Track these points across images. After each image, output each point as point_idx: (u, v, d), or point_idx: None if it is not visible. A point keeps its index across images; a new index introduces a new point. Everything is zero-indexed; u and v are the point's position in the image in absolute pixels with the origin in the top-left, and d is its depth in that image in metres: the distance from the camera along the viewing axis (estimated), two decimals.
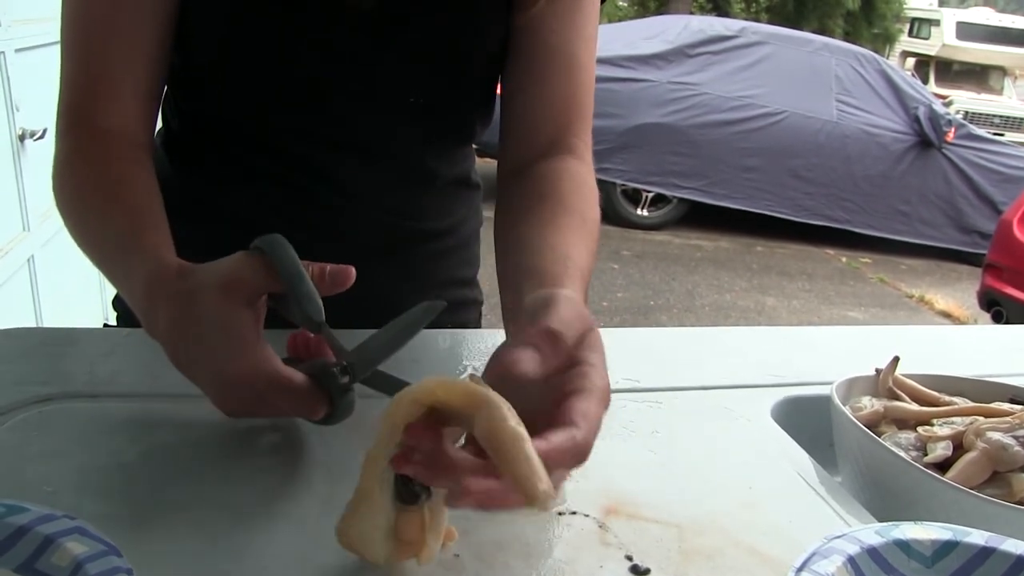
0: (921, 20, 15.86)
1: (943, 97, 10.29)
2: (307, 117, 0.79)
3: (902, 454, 0.64)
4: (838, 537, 0.51)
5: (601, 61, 5.96)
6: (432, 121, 0.83)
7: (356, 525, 0.49)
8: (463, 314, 0.98)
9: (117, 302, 0.95)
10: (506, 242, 0.73)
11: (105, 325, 0.92)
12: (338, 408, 0.58)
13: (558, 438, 0.45)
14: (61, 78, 0.74)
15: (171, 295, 0.57)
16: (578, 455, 0.46)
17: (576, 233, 0.70)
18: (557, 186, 0.76)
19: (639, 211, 6.29)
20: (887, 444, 0.66)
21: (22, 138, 2.04)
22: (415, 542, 0.50)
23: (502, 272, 0.70)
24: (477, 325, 1.01)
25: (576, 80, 0.83)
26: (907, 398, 0.73)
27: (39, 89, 2.08)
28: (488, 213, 0.88)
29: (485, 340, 0.88)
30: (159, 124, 0.82)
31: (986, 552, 0.51)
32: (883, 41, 15.80)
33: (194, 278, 0.57)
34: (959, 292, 5.81)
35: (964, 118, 7.86)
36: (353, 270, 0.58)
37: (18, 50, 2.02)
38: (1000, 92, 14.02)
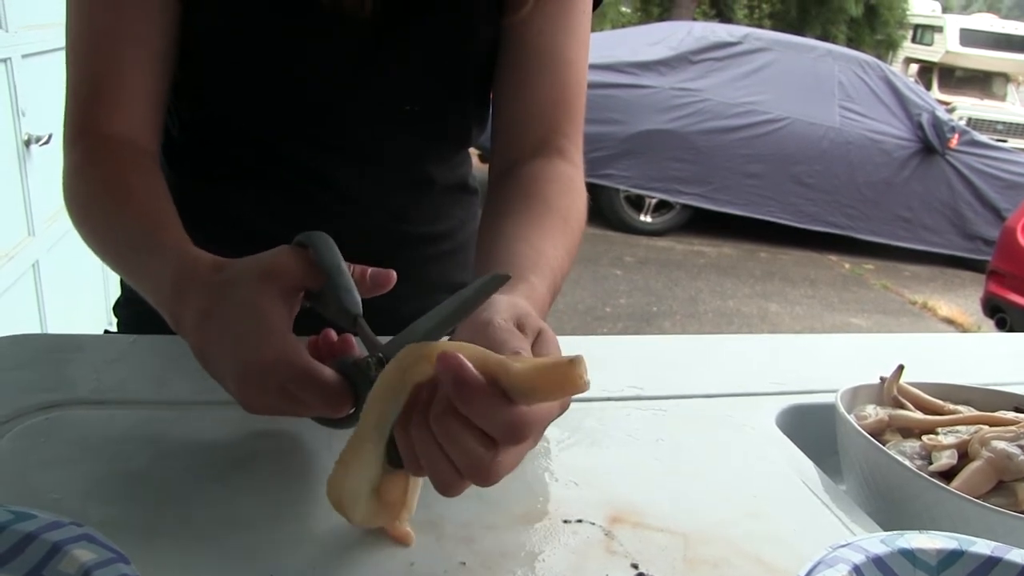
0: (924, 26, 15.86)
1: (946, 103, 10.28)
2: (304, 124, 0.80)
3: (907, 463, 0.64)
4: (843, 546, 0.51)
5: (604, 67, 5.98)
6: (428, 126, 0.84)
7: (348, 481, 0.50)
8: None
9: (119, 308, 0.95)
10: (485, 236, 0.73)
11: (106, 331, 0.92)
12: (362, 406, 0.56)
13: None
14: (67, 87, 0.74)
15: (204, 287, 0.57)
16: (518, 428, 0.45)
17: (555, 232, 0.70)
18: (543, 187, 0.76)
19: (642, 217, 6.29)
20: (892, 453, 0.66)
21: (27, 143, 2.04)
22: (395, 504, 0.52)
23: (476, 260, 0.72)
24: None
25: (564, 81, 0.82)
26: (912, 406, 0.73)
27: (45, 95, 2.09)
28: None
29: None
30: None
31: (992, 562, 0.51)
32: (886, 47, 15.80)
33: (231, 269, 0.57)
34: (963, 299, 5.81)
35: (967, 124, 7.87)
36: (394, 274, 0.58)
37: (24, 56, 2.03)
38: (1003, 98, 14.02)
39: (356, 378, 0.55)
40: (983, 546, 0.52)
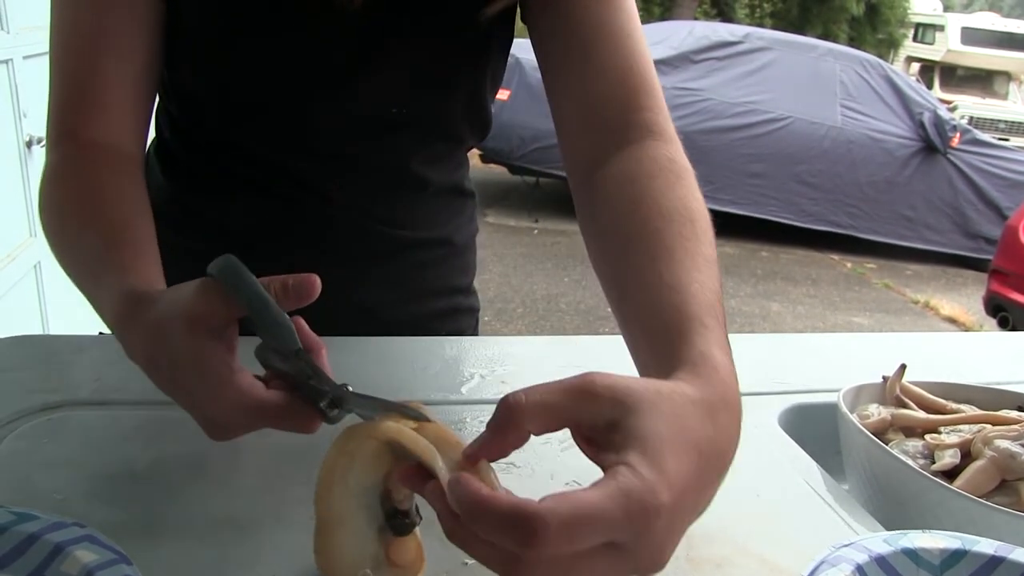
0: (926, 25, 15.86)
1: (948, 102, 10.28)
2: (290, 128, 0.79)
3: (909, 462, 0.64)
4: (846, 546, 0.51)
5: None
6: (417, 131, 0.82)
7: (338, 554, 0.48)
8: (459, 322, 0.98)
9: None
10: (612, 281, 0.63)
11: (100, 333, 0.92)
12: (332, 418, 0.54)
13: None
14: (50, 90, 0.72)
15: (140, 327, 0.54)
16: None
17: (690, 247, 0.58)
18: (649, 188, 0.64)
19: None
20: (894, 452, 0.65)
21: (29, 144, 2.05)
22: (413, 563, 0.50)
23: (621, 322, 0.60)
24: (474, 332, 1.01)
25: (627, 48, 0.73)
26: (914, 406, 0.73)
27: (46, 96, 2.09)
28: (493, 219, 0.87)
29: (490, 347, 0.88)
30: (152, 132, 0.82)
31: (995, 561, 0.51)
32: (888, 46, 15.81)
33: (158, 310, 0.53)
34: (965, 298, 5.80)
35: (969, 123, 7.86)
36: (317, 278, 0.53)
37: (26, 57, 2.03)
38: (1005, 97, 14.03)
39: (313, 399, 0.52)
40: (986, 545, 0.52)
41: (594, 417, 0.42)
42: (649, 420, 0.41)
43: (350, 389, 0.51)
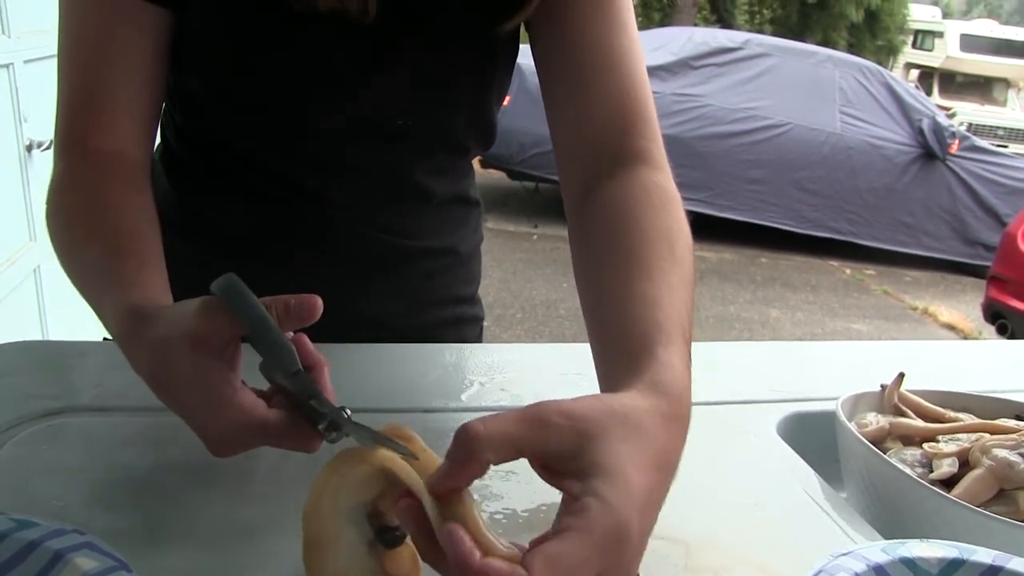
0: (925, 32, 15.90)
1: (947, 109, 10.30)
2: (297, 139, 0.79)
3: (907, 471, 0.64)
4: (844, 555, 0.51)
5: None
6: (421, 141, 0.82)
7: (331, 570, 0.48)
8: (463, 331, 0.98)
9: None
10: (589, 294, 0.65)
11: (104, 339, 0.93)
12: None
13: None
14: (58, 98, 0.73)
15: (144, 343, 0.55)
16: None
17: (664, 268, 0.60)
18: (633, 211, 0.66)
19: None
20: (892, 461, 0.66)
21: (29, 148, 2.05)
22: (408, 574, 0.50)
23: (591, 332, 0.62)
24: (478, 341, 1.01)
25: (622, 73, 0.74)
26: (912, 414, 0.73)
27: (47, 100, 2.08)
28: (492, 225, 0.87)
29: (490, 354, 0.88)
30: (158, 139, 0.82)
31: (993, 571, 0.51)
32: (887, 53, 15.85)
33: (161, 328, 0.54)
34: (963, 304, 5.81)
35: (968, 130, 7.87)
36: (319, 299, 0.53)
37: (27, 61, 2.03)
38: (1003, 104, 14.05)
39: (313, 420, 0.52)
40: (984, 555, 0.52)
41: (553, 446, 0.43)
42: (609, 443, 0.42)
43: (348, 414, 0.51)
